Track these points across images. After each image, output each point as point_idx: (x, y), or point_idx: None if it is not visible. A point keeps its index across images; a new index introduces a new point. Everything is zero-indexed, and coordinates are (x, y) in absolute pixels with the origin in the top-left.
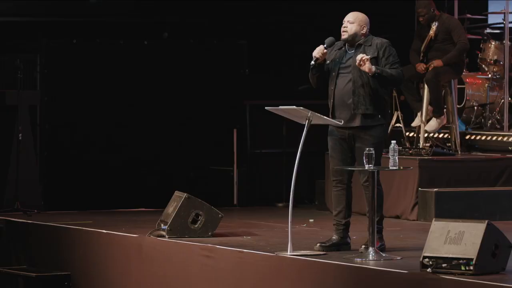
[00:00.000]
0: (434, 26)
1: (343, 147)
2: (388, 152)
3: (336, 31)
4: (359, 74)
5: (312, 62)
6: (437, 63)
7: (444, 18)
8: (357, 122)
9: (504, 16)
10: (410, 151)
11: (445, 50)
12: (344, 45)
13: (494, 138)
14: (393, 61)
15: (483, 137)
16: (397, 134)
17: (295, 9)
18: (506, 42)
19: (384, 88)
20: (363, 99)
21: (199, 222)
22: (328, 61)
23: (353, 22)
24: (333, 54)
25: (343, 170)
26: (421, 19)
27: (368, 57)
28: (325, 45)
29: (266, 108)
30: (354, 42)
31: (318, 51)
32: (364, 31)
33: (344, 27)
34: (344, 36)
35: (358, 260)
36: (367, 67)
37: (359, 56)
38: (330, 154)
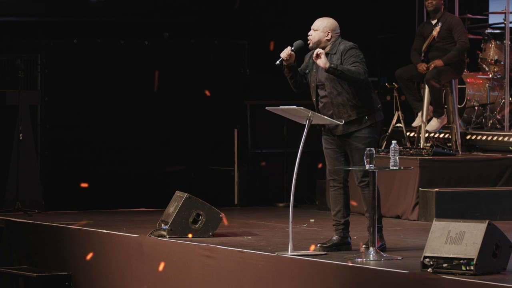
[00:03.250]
0: (437, 26)
1: (334, 146)
2: (387, 152)
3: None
4: (333, 85)
5: (277, 62)
6: (437, 63)
7: (446, 16)
8: (340, 131)
9: (505, 16)
10: (411, 151)
11: (445, 50)
12: None
13: (495, 138)
14: (353, 61)
15: (484, 137)
16: (397, 134)
17: (296, 9)
18: (507, 42)
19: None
20: (343, 108)
21: (199, 222)
22: (307, 70)
23: (317, 30)
24: (310, 65)
25: (339, 170)
26: (430, 7)
27: (323, 51)
28: (292, 48)
29: (266, 108)
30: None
31: (284, 52)
32: (329, 37)
33: (309, 35)
34: (310, 44)
35: (359, 260)
36: (322, 61)
37: (316, 51)
38: (324, 154)
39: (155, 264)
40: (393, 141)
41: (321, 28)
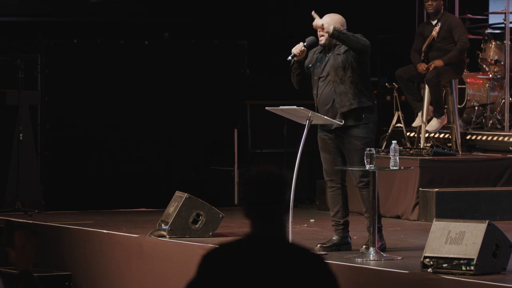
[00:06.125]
0: (437, 26)
1: (331, 147)
2: (387, 152)
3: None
4: (336, 73)
5: (289, 58)
6: (438, 63)
7: (446, 16)
8: (337, 124)
9: (505, 16)
10: (411, 151)
11: (446, 50)
12: (324, 48)
13: (495, 138)
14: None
15: (484, 137)
16: (398, 134)
17: (296, 8)
18: (507, 42)
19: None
20: (345, 96)
21: (200, 222)
22: (310, 65)
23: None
24: (314, 58)
25: (337, 170)
26: (430, 9)
27: (321, 22)
28: (305, 43)
29: (266, 108)
30: (332, 45)
31: (297, 48)
32: None
33: (321, 31)
34: (322, 41)
35: (359, 260)
36: (324, 28)
37: (315, 23)
38: (321, 154)
39: (156, 264)
40: (393, 141)
41: (333, 24)
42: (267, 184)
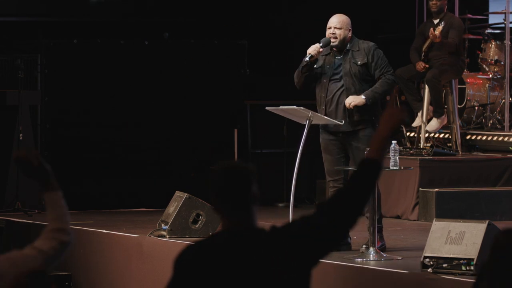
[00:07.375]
0: (440, 26)
1: (335, 147)
2: (387, 152)
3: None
4: (352, 82)
5: (306, 59)
6: (435, 37)
7: (449, 16)
8: (346, 127)
9: (505, 16)
10: (411, 151)
11: (445, 49)
12: (331, 50)
13: (495, 138)
14: (382, 64)
15: (484, 137)
16: (397, 134)
17: (295, 9)
18: (507, 42)
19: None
20: (357, 106)
21: (199, 222)
22: (316, 66)
23: (340, 28)
24: (321, 60)
25: (339, 170)
26: (434, 8)
27: (352, 102)
28: (321, 44)
29: (266, 108)
30: (343, 48)
31: (314, 49)
32: (350, 34)
33: (333, 33)
34: (335, 42)
35: (359, 260)
36: (357, 103)
37: (347, 102)
38: (324, 155)
39: (156, 264)
40: (393, 141)
41: (344, 25)
42: (233, 177)
